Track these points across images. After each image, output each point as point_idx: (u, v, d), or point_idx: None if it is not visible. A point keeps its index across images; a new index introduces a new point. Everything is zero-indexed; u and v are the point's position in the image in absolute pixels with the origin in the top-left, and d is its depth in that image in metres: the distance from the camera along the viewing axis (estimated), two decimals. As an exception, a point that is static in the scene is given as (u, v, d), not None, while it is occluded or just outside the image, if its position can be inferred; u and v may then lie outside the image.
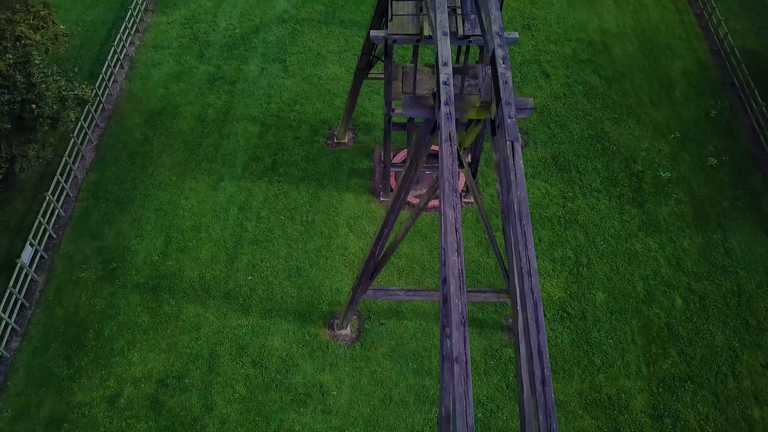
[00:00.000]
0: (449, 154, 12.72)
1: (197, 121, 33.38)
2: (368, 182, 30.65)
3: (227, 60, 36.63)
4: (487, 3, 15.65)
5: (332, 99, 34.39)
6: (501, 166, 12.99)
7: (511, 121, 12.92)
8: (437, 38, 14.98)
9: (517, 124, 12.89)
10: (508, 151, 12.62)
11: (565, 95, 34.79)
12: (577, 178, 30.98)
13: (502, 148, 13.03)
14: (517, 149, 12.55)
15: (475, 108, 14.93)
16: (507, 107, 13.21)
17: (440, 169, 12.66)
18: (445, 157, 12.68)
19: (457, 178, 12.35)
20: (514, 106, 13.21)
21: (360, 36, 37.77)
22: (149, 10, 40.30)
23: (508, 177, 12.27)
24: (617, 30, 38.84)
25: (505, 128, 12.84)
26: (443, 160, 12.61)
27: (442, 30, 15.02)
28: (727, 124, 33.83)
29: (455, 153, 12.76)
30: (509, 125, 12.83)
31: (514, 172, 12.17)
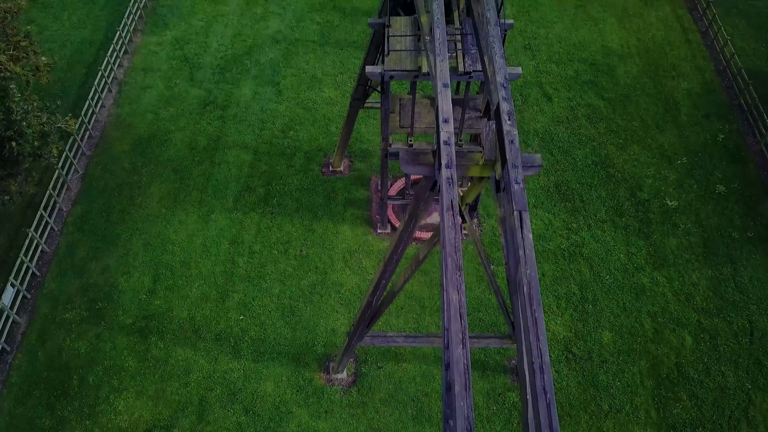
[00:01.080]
0: (451, 225, 11.89)
1: (188, 148, 32.52)
2: (365, 213, 29.80)
3: (219, 83, 35.78)
4: (490, 48, 14.86)
5: (327, 124, 33.56)
6: (507, 236, 12.13)
7: (519, 187, 12.07)
8: (437, 89, 14.18)
9: (525, 190, 12.06)
10: (515, 222, 11.76)
11: (567, 119, 34.01)
12: (581, 207, 30.17)
13: (508, 216, 12.16)
14: (525, 220, 11.66)
15: (477, 166, 14.11)
16: (514, 170, 12.38)
17: (442, 242, 11.83)
18: (447, 228, 11.84)
19: (460, 252, 11.50)
20: (521, 170, 12.38)
21: (356, 57, 36.98)
22: (138, 30, 39.46)
23: (516, 252, 11.40)
24: (621, 50, 38.10)
25: (512, 195, 11.97)
26: (445, 233, 11.77)
27: (443, 81, 14.22)
28: (735, 148, 33.08)
29: (458, 224, 11.93)
30: (516, 192, 11.97)
31: (523, 248, 11.29)
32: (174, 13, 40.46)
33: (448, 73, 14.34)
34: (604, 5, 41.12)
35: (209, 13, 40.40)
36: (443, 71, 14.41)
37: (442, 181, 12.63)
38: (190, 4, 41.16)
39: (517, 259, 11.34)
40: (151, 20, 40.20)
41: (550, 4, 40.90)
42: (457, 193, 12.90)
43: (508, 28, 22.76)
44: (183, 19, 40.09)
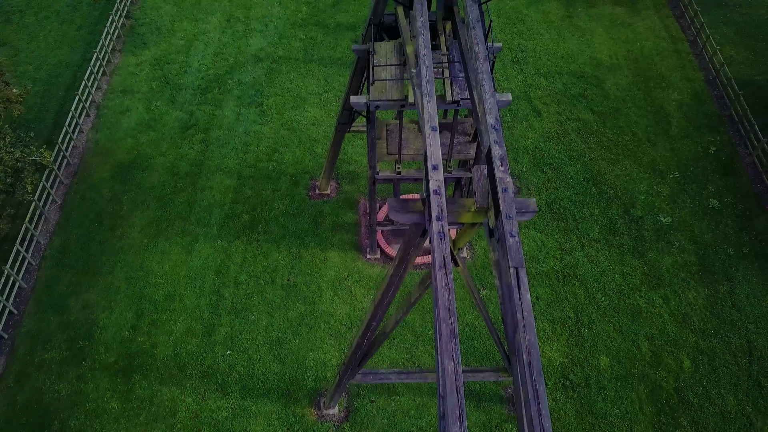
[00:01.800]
0: (444, 285, 11.29)
1: (169, 174, 31.73)
2: (353, 237, 29.17)
3: (200, 105, 35.02)
4: (480, 86, 14.32)
5: (313, 146, 32.90)
6: (504, 292, 11.53)
7: (515, 241, 11.48)
8: (425, 133, 13.59)
9: (521, 244, 11.48)
10: (512, 279, 11.18)
11: (557, 134, 33.57)
12: (574, 226, 29.71)
13: (504, 272, 11.59)
14: (523, 278, 11.05)
15: (469, 213, 13.53)
16: (508, 222, 11.81)
17: (434, 303, 11.24)
18: (440, 290, 11.23)
19: (455, 317, 10.91)
20: (516, 221, 11.80)
21: (340, 75, 36.36)
22: (117, 51, 38.62)
23: (515, 315, 10.79)
24: (609, 61, 37.75)
25: (508, 250, 11.39)
26: (438, 294, 11.16)
27: (431, 124, 13.63)
28: (728, 161, 32.78)
29: (452, 286, 11.33)
30: (512, 247, 11.38)
31: (521, 310, 10.69)
32: (153, 32, 39.67)
33: (436, 116, 13.74)
34: (591, 16, 40.78)
35: (189, 32, 39.64)
36: (431, 113, 13.83)
37: (433, 234, 12.03)
38: (169, 22, 40.38)
39: (515, 322, 10.74)
40: (130, 40, 39.38)
41: (537, 16, 40.51)
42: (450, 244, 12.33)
43: (497, 51, 22.27)
44: (162, 37, 39.30)
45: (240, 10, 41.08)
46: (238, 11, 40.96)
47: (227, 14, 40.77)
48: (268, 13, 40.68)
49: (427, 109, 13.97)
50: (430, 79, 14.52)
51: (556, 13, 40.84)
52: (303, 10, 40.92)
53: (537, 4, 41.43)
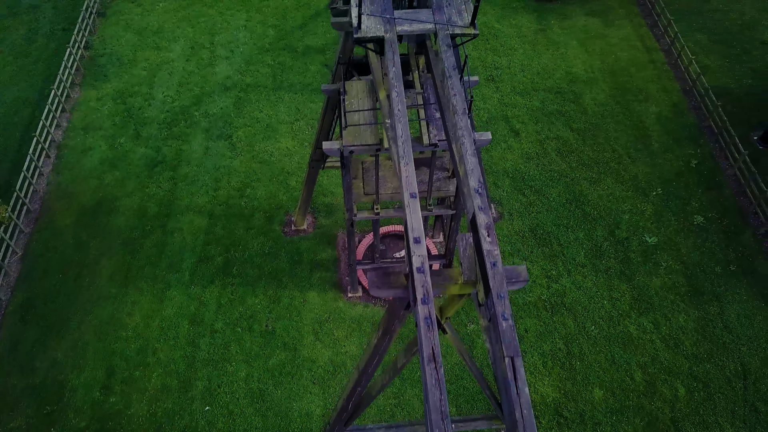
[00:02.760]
0: (435, 383, 10.40)
1: (137, 216, 30.46)
2: (333, 275, 28.21)
3: (167, 140, 33.77)
4: (459, 142, 13.51)
5: (286, 178, 31.86)
6: (500, 386, 10.68)
7: (508, 325, 10.65)
8: (404, 200, 12.71)
9: (515, 328, 10.64)
10: (507, 371, 10.33)
11: (537, 155, 32.96)
12: (559, 252, 29.08)
13: (498, 362, 10.74)
14: (519, 369, 10.17)
15: (457, 285, 12.68)
16: (500, 303, 10.96)
17: (425, 403, 10.35)
18: (430, 388, 10.34)
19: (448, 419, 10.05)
20: (508, 301, 10.96)
21: (312, 102, 35.37)
22: (76, 85, 37.17)
23: (512, 412, 9.96)
24: (586, 75, 37.29)
25: (501, 335, 10.55)
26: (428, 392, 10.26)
27: (410, 191, 12.77)
28: (710, 174, 32.45)
29: (443, 383, 10.46)
30: (506, 332, 10.54)
31: (519, 407, 9.85)
32: (114, 63, 38.29)
33: (414, 181, 12.88)
34: (564, 28, 40.33)
35: (152, 61, 38.33)
36: (409, 178, 12.96)
37: (419, 319, 11.13)
38: (130, 51, 39.02)
39: (513, 421, 9.90)
40: (90, 72, 37.95)
41: (509, 31, 39.95)
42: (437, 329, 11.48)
43: (473, 85, 21.51)
44: (124, 69, 37.94)
45: (204, 36, 39.89)
46: (202, 37, 39.76)
47: (191, 41, 39.55)
48: (233, 39, 39.55)
49: (404, 172, 13.10)
50: (407, 139, 13.64)
51: (529, 27, 40.32)
52: (270, 33, 39.85)
53: (509, 18, 40.89)
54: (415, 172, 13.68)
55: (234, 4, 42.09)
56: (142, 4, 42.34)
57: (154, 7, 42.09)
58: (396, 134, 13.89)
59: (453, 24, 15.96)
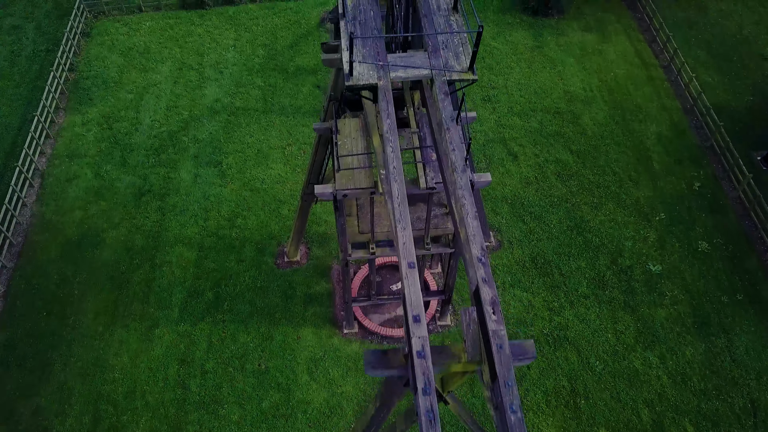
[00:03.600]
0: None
1: (124, 249, 29.56)
2: (328, 310, 27.39)
3: (154, 167, 32.87)
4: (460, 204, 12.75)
5: (278, 207, 31.03)
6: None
7: (517, 418, 9.89)
8: (402, 270, 11.93)
9: (524, 421, 9.86)
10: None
11: (536, 179, 32.23)
12: (561, 282, 28.35)
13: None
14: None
15: (460, 363, 11.92)
16: (507, 392, 10.23)
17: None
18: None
19: None
20: (516, 389, 10.19)
21: (304, 125, 34.56)
22: (60, 109, 36.24)
23: None
24: (584, 94, 36.59)
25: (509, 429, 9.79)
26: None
27: (408, 260, 11.99)
28: (713, 197, 31.79)
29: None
30: (514, 426, 9.79)
31: None
32: (100, 86, 37.38)
33: (413, 248, 12.10)
34: (561, 45, 39.65)
35: (139, 84, 37.43)
36: (407, 245, 12.17)
37: (420, 412, 10.34)
38: (116, 74, 38.12)
39: None
40: (74, 96, 37.02)
41: (505, 48, 39.24)
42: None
43: (470, 121, 20.74)
44: (110, 92, 37.03)
45: (192, 56, 39.02)
46: (190, 58, 38.90)
47: (179, 62, 38.68)
48: (222, 59, 38.69)
49: (401, 238, 12.32)
50: (403, 200, 12.86)
51: (525, 44, 39.61)
52: (260, 53, 39.02)
53: (504, 35, 40.18)
54: (412, 236, 12.91)
55: (222, 23, 41.26)
56: (128, 24, 41.46)
57: (141, 26, 41.21)
58: (392, 193, 13.10)
59: (450, 69, 15.19)
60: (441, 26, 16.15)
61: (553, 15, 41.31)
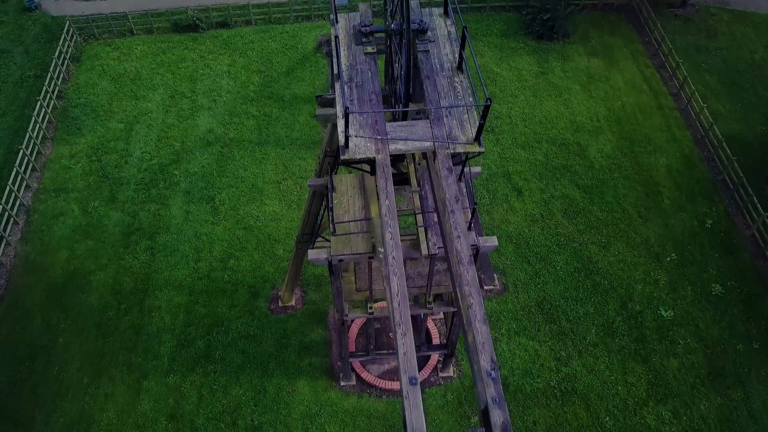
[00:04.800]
0: None
1: (112, 293, 28.48)
2: (324, 360, 26.28)
3: (144, 203, 31.78)
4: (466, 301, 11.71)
5: (273, 247, 29.94)
6: None
7: None
8: (402, 388, 10.87)
9: None
10: None
11: (542, 216, 31.15)
12: (568, 329, 27.24)
13: None
14: None
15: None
16: None
17: None
18: None
19: None
20: None
21: (300, 158, 33.48)
22: (48, 139, 35.15)
23: None
24: (590, 123, 35.52)
25: None
26: None
27: (409, 374, 10.96)
28: (726, 235, 30.70)
29: None
30: None
31: None
32: (89, 115, 36.29)
33: (415, 360, 11.06)
34: (566, 71, 38.59)
35: (129, 112, 36.34)
36: (408, 355, 11.12)
37: None
38: (106, 101, 37.05)
39: None
40: (63, 125, 35.93)
41: (509, 75, 38.18)
42: None
43: (475, 177, 19.66)
44: (99, 121, 35.94)
45: (185, 83, 37.96)
46: (182, 85, 37.83)
47: (171, 89, 37.60)
48: (216, 86, 37.62)
49: (401, 346, 11.24)
50: (404, 298, 11.78)
51: (530, 70, 38.54)
52: (254, 80, 37.95)
53: (508, 60, 39.12)
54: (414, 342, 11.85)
55: (216, 47, 40.21)
56: (119, 48, 40.41)
57: (132, 50, 40.16)
58: (391, 290, 12.04)
59: (454, 140, 14.14)
60: (444, 88, 15.11)
61: (558, 39, 40.26)
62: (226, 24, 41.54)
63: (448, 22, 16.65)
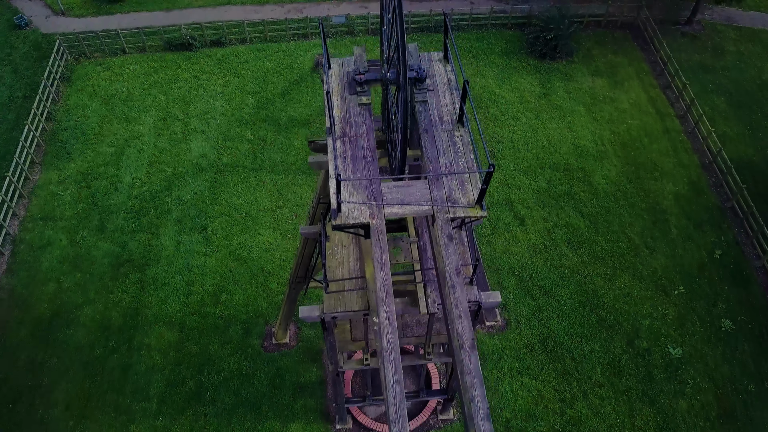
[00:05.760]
0: None
1: (99, 329, 27.57)
2: (319, 401, 25.36)
3: (134, 232, 30.86)
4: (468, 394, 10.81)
5: (267, 280, 29.02)
6: None
7: None
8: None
9: None
10: None
11: (545, 247, 30.24)
12: (572, 368, 26.33)
13: None
14: None
15: None
16: None
17: None
18: None
19: None
20: None
21: (296, 185, 32.56)
22: (36, 164, 34.20)
23: None
24: (595, 148, 34.60)
25: None
26: None
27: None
28: (736, 266, 29.80)
29: None
30: None
31: None
32: (78, 138, 35.35)
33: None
34: (569, 91, 37.68)
35: (120, 136, 35.41)
36: (404, 457, 10.17)
37: None
38: (97, 124, 36.12)
39: None
40: (51, 149, 34.99)
41: (511, 96, 37.26)
42: None
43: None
44: (89, 145, 35.01)
45: (177, 105, 37.02)
46: (175, 107, 36.89)
47: (163, 111, 36.66)
48: (209, 108, 36.69)
49: None
50: (400, 392, 10.87)
51: (532, 91, 37.62)
52: (249, 102, 37.02)
53: (510, 81, 38.20)
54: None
55: (210, 67, 39.28)
56: (111, 67, 39.49)
57: (124, 70, 39.24)
58: (386, 379, 11.13)
59: (454, 203, 13.19)
60: (444, 144, 14.19)
61: (561, 58, 39.35)
62: (221, 42, 40.61)
63: (448, 68, 15.73)
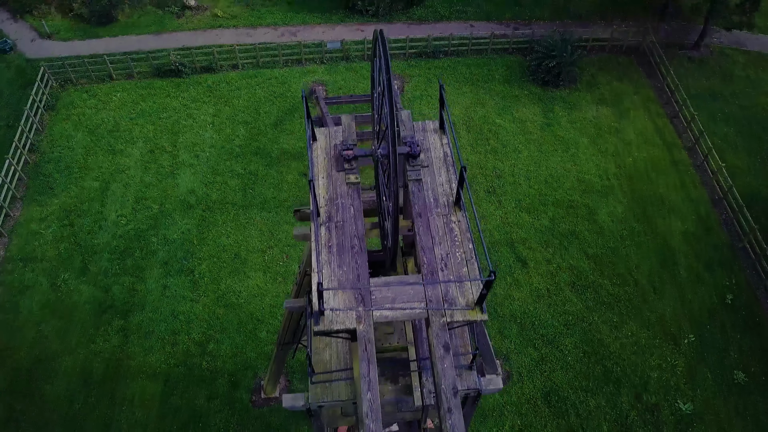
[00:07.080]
0: None
1: (80, 381, 26.36)
2: (310, 462, 24.15)
3: (118, 275, 29.64)
4: None
5: (256, 328, 27.80)
6: None
7: None
8: None
9: None
10: None
11: (548, 291, 29.01)
12: (578, 426, 25.10)
13: None
14: None
15: None
16: None
17: None
18: None
19: None
20: None
21: (287, 223, 31.34)
22: (18, 199, 32.98)
23: None
24: (600, 183, 33.37)
25: None
26: None
27: None
28: (748, 312, 28.58)
29: None
30: None
31: None
32: (62, 172, 34.13)
33: None
34: (572, 121, 36.46)
35: (106, 169, 34.18)
36: None
37: None
38: (82, 156, 34.89)
39: None
40: (34, 183, 33.77)
41: (512, 127, 36.04)
42: None
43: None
44: (73, 179, 33.78)
45: (165, 136, 35.80)
46: (163, 138, 35.66)
47: (151, 143, 35.44)
48: (199, 140, 35.46)
49: None
50: None
51: (534, 121, 36.39)
52: (240, 133, 35.80)
53: (511, 110, 36.97)
54: None
55: (200, 94, 38.06)
56: (97, 95, 38.27)
57: (111, 98, 38.01)
58: None
59: (451, 305, 11.94)
60: (439, 231, 12.95)
61: (564, 86, 38.14)
62: (211, 68, 39.40)
63: (444, 140, 14.51)
